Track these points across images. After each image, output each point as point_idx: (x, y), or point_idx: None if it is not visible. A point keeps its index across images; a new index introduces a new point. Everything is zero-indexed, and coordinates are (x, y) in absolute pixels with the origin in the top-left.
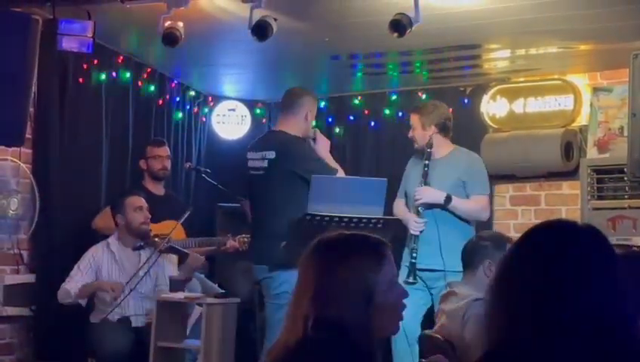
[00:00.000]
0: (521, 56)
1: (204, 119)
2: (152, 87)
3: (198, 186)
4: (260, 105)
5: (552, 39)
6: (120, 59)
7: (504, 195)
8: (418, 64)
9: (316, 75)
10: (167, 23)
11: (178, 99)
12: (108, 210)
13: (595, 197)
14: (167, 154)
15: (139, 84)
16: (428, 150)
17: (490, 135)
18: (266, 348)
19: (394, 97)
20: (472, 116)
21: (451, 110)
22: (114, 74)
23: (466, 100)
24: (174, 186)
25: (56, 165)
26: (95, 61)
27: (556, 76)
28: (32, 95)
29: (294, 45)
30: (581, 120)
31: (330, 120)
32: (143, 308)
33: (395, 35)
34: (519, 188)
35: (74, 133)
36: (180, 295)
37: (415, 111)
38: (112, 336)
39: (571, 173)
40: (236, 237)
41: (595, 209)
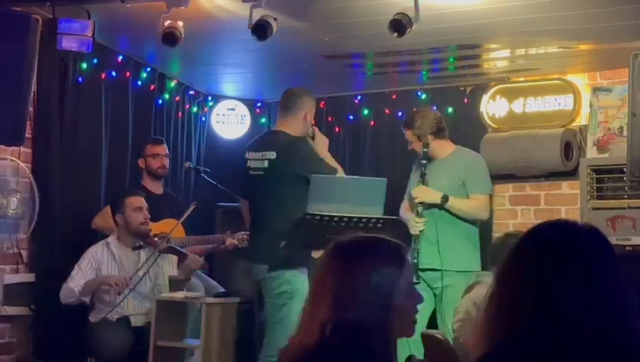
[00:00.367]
0: (521, 56)
1: (203, 119)
2: (152, 87)
3: (197, 185)
4: (260, 104)
5: (551, 39)
6: (119, 58)
7: (504, 195)
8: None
9: (316, 75)
10: (167, 22)
11: (178, 98)
12: (107, 209)
13: (595, 197)
14: (166, 152)
15: (138, 83)
16: (424, 150)
17: (490, 135)
18: (265, 348)
19: (394, 97)
20: (471, 116)
21: (451, 110)
22: (113, 73)
23: (466, 100)
24: (174, 185)
25: (56, 164)
26: (95, 60)
27: (556, 76)
28: (32, 94)
29: (294, 45)
30: (581, 120)
31: (330, 119)
32: (142, 308)
33: (395, 35)
34: (519, 187)
35: (73, 133)
36: (180, 294)
37: (406, 128)
38: (112, 336)
39: (571, 173)
40: (235, 234)
41: (595, 209)
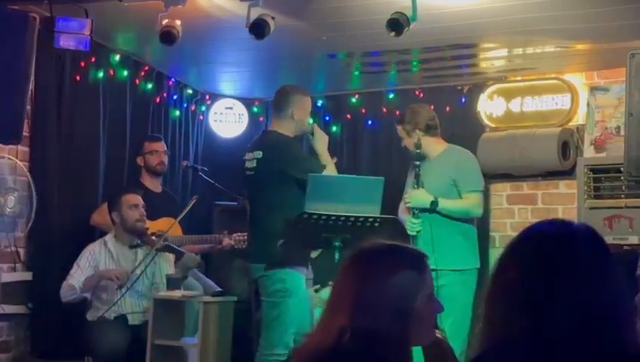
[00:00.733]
0: (519, 56)
1: (201, 117)
2: (150, 86)
3: (195, 184)
4: (258, 103)
5: (549, 38)
6: (117, 57)
7: (501, 194)
8: (415, 63)
9: (314, 74)
10: (165, 21)
11: (175, 97)
12: (106, 205)
13: (592, 197)
14: (164, 149)
15: (136, 82)
16: (417, 151)
17: (488, 134)
18: (262, 346)
19: (391, 96)
20: (469, 115)
21: (449, 109)
22: (111, 72)
23: (464, 99)
24: (171, 184)
25: (54, 163)
26: (92, 59)
27: (553, 75)
28: (30, 93)
29: (292, 44)
30: (578, 119)
31: (328, 118)
32: (139, 306)
33: (393, 34)
34: (516, 187)
35: (71, 131)
36: (177, 293)
37: (397, 123)
38: (109, 334)
39: (568, 173)
40: (232, 235)
41: (592, 208)
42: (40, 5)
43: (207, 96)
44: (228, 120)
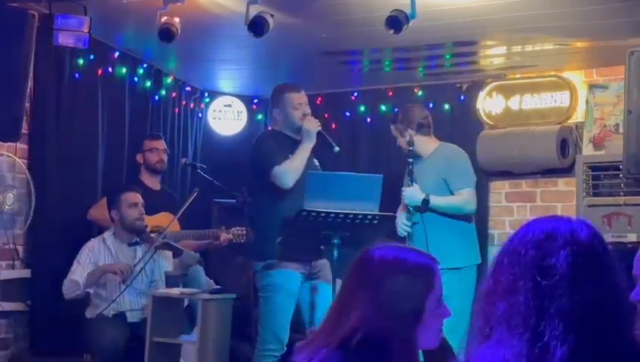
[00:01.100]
0: (517, 53)
1: (200, 115)
2: (148, 83)
3: (194, 182)
4: (257, 100)
5: (548, 36)
6: (116, 54)
7: (500, 192)
8: (414, 60)
9: (312, 71)
10: (164, 18)
11: (174, 94)
12: (104, 200)
13: (591, 194)
14: (164, 147)
15: (135, 79)
16: (410, 148)
17: (487, 131)
18: (258, 342)
19: (390, 94)
20: (468, 113)
21: (448, 107)
22: (110, 69)
23: (462, 97)
24: (170, 182)
25: (52, 160)
26: (91, 56)
27: (552, 73)
28: (28, 90)
29: (291, 41)
30: (577, 117)
31: (327, 116)
32: (138, 304)
33: (392, 32)
34: (515, 184)
35: (70, 129)
36: (176, 290)
37: (391, 122)
38: (108, 332)
39: (567, 170)
40: (230, 230)
41: (591, 206)
42: (39, 2)
43: (206, 94)
44: (227, 117)
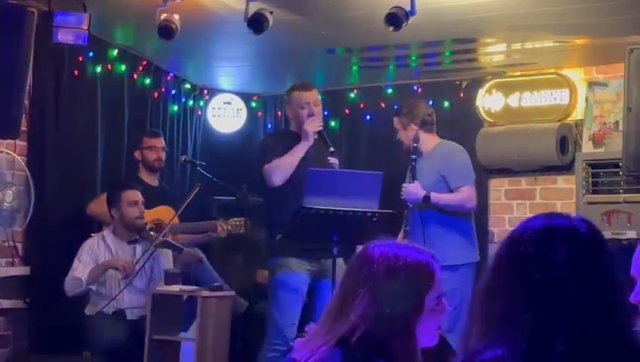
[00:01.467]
0: (517, 51)
1: (199, 112)
2: (148, 80)
3: (193, 179)
4: (256, 98)
5: (547, 33)
6: (115, 51)
7: (499, 189)
8: (414, 57)
9: (312, 69)
10: (163, 15)
11: (174, 92)
12: (104, 196)
13: (590, 192)
14: (163, 145)
15: (134, 76)
16: (414, 145)
17: (486, 129)
18: (267, 336)
19: (390, 91)
20: (467, 110)
21: (447, 104)
22: (109, 66)
23: (462, 94)
24: (170, 179)
25: (52, 158)
26: (90, 53)
27: (552, 70)
28: (28, 87)
29: (290, 38)
30: (576, 114)
31: (326, 113)
32: (137, 301)
33: (391, 29)
34: (514, 182)
35: (69, 126)
36: (175, 288)
37: (395, 115)
38: (107, 329)
39: (566, 167)
40: (228, 221)
41: (590, 203)
42: (38, 0)
43: (206, 91)
44: (226, 115)
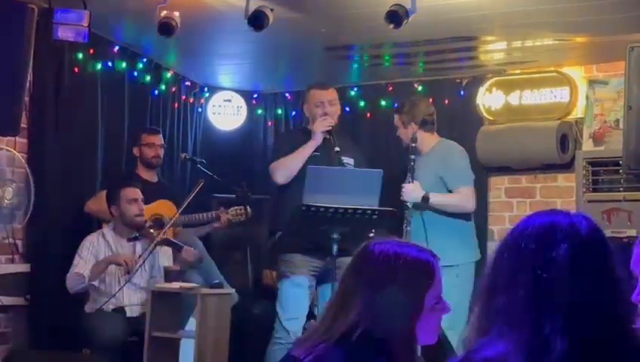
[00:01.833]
0: (517, 49)
1: (199, 110)
2: (148, 77)
3: (193, 177)
4: (256, 95)
5: (548, 31)
6: (116, 48)
7: (499, 187)
8: (414, 55)
9: (312, 66)
10: (163, 12)
11: (174, 89)
12: (102, 193)
13: (591, 190)
14: (161, 143)
15: (134, 74)
16: (412, 144)
17: (486, 127)
18: (274, 329)
19: (390, 89)
20: (468, 108)
21: (447, 102)
22: (110, 63)
23: (462, 92)
24: (170, 176)
25: (52, 155)
26: (91, 50)
27: (552, 68)
28: (28, 84)
29: (291, 36)
30: (577, 112)
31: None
32: (137, 298)
33: (392, 27)
34: (514, 180)
35: (69, 123)
36: (175, 285)
37: (395, 112)
38: (107, 326)
39: (567, 166)
40: (228, 210)
41: (590, 201)
42: None
43: (206, 89)
44: (226, 112)
